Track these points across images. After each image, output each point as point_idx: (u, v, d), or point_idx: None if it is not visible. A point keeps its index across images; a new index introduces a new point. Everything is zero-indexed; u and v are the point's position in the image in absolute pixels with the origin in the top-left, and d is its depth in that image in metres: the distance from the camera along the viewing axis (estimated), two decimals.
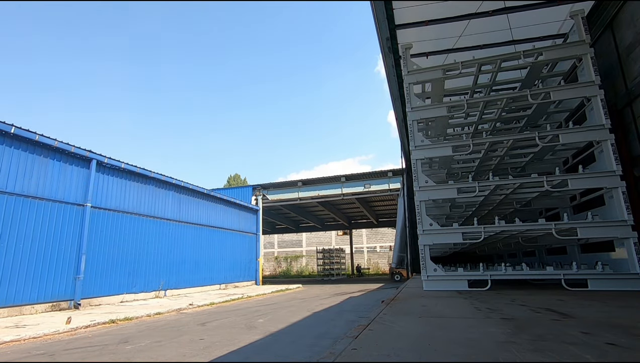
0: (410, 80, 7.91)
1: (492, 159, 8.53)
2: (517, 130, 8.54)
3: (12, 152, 8.57)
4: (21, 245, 8.53)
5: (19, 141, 8.73)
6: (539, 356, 2.18)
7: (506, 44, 8.73)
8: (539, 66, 7.22)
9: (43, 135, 9.08)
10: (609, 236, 5.99)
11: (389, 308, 4.59)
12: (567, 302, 4.65)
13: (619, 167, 5.95)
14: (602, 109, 6.27)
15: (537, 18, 7.84)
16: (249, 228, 19.88)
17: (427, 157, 7.75)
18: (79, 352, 5.06)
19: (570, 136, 6.44)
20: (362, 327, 3.37)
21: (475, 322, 3.47)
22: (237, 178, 48.56)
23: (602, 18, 7.36)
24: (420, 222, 6.89)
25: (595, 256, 7.01)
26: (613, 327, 3.03)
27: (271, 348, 5.01)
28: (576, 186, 6.32)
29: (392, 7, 7.57)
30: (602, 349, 2.30)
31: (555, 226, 6.11)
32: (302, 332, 6.11)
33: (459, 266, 7.38)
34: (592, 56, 6.59)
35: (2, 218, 8.26)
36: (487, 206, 8.94)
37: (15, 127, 8.46)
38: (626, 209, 5.79)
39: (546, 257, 9.74)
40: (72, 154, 9.88)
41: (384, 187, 19.71)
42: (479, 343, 2.57)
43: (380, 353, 2.39)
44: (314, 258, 33.39)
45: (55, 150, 9.57)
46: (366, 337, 2.94)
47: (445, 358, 2.23)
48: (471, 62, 7.35)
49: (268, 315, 8.11)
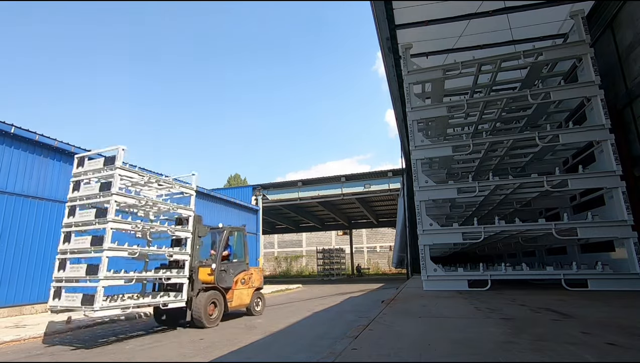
0: (410, 80, 7.91)
1: (492, 159, 8.53)
2: (517, 130, 8.54)
3: (12, 152, 8.58)
4: (21, 245, 8.53)
5: (19, 141, 8.74)
6: (539, 356, 2.18)
7: (506, 44, 8.72)
8: (539, 66, 7.22)
9: (43, 135, 9.09)
10: (609, 236, 5.99)
11: (389, 308, 4.59)
12: (567, 302, 4.66)
13: (619, 167, 5.94)
14: (602, 109, 6.27)
15: (537, 18, 7.83)
16: (249, 228, 19.88)
17: (427, 157, 7.75)
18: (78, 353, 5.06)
19: (570, 136, 6.44)
20: (362, 327, 3.37)
21: (475, 322, 3.47)
22: (237, 178, 48.56)
23: (602, 18, 7.36)
24: (420, 222, 6.88)
25: (595, 256, 7.01)
26: (613, 327, 3.03)
27: (271, 348, 5.02)
28: (576, 186, 6.31)
29: (392, 7, 7.57)
30: (602, 349, 2.30)
31: (555, 226, 6.11)
32: (302, 332, 6.11)
33: (459, 266, 7.38)
34: (592, 56, 6.59)
35: (2, 218, 8.26)
36: (487, 206, 8.94)
37: (15, 127, 8.46)
38: (626, 209, 5.79)
39: (546, 257, 9.75)
40: (72, 154, 9.88)
41: (384, 187, 19.68)
42: (479, 343, 2.57)
43: (380, 353, 2.39)
44: (314, 258, 33.38)
45: (55, 150, 9.57)
46: (366, 337, 2.94)
47: (445, 358, 2.23)
48: (471, 62, 7.35)
49: (268, 315, 8.12)
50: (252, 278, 8.42)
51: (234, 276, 7.88)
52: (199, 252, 7.18)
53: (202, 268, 7.24)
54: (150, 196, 6.81)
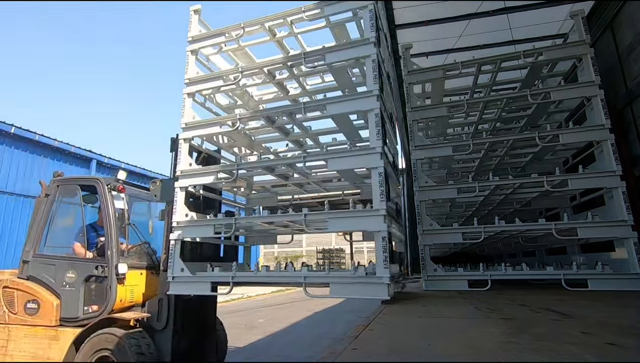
0: (411, 80, 7.92)
1: (492, 159, 8.53)
2: (517, 130, 8.54)
3: (12, 152, 8.58)
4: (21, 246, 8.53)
5: (19, 141, 8.74)
6: (539, 356, 2.18)
7: (506, 44, 8.73)
8: (539, 66, 7.23)
9: (43, 135, 9.11)
10: (609, 236, 5.99)
11: (389, 308, 4.59)
12: (567, 302, 4.66)
13: (619, 167, 5.94)
14: (602, 109, 6.27)
15: (537, 18, 7.84)
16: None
17: (427, 157, 7.75)
18: None
19: (570, 136, 6.44)
20: (362, 326, 3.37)
21: (475, 322, 3.47)
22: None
23: (602, 18, 7.37)
24: (420, 222, 6.88)
25: (595, 256, 7.01)
26: (613, 326, 3.03)
27: (272, 348, 5.01)
28: (576, 186, 6.31)
29: (392, 7, 7.57)
30: (602, 349, 2.30)
31: (555, 226, 6.11)
32: (303, 332, 6.11)
33: (459, 266, 7.37)
34: (592, 56, 6.60)
35: (2, 218, 8.27)
36: (487, 206, 8.95)
37: (15, 127, 8.47)
38: (626, 209, 5.78)
39: (546, 257, 9.75)
40: (72, 154, 9.88)
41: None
42: (479, 343, 2.57)
43: (380, 353, 2.40)
44: (314, 258, 33.38)
45: (55, 150, 9.57)
46: (366, 337, 2.94)
47: (445, 359, 2.23)
48: (471, 62, 7.35)
49: (268, 315, 8.11)
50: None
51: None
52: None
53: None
54: None
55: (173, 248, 4.19)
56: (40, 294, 4.04)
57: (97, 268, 4.06)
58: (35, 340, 3.89)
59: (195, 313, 4.27)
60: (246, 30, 4.42)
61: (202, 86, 4.62)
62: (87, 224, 4.51)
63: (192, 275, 4.19)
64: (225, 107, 5.34)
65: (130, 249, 4.51)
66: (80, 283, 4.04)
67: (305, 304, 10.45)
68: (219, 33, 4.61)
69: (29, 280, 4.21)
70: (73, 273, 4.12)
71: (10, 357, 3.91)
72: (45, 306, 3.96)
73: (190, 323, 4.16)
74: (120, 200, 4.52)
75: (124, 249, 4.37)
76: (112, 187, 4.42)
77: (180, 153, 4.32)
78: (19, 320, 4.03)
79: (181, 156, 4.32)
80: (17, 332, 3.97)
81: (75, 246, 4.44)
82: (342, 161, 3.79)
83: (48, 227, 4.54)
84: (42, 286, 4.12)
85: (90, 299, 4.04)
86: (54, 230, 4.64)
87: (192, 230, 4.38)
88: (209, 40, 4.69)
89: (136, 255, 4.58)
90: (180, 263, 4.26)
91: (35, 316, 3.98)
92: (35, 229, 4.50)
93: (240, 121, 4.28)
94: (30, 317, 3.99)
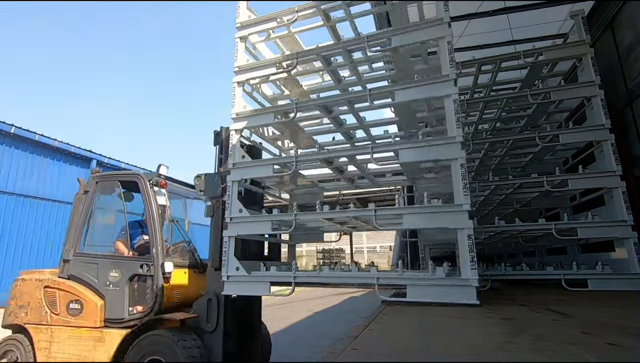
0: None
1: (492, 159, 8.53)
2: (517, 130, 8.55)
3: (12, 152, 8.58)
4: (21, 246, 8.53)
5: (19, 141, 8.74)
6: (539, 356, 2.18)
7: (506, 44, 8.73)
8: (539, 66, 7.22)
9: (43, 135, 9.10)
10: (609, 236, 5.98)
11: (389, 308, 4.59)
12: (567, 302, 4.66)
13: (619, 167, 5.94)
14: (602, 109, 6.27)
15: (537, 18, 7.84)
16: None
17: None
18: None
19: (570, 136, 6.44)
20: (362, 326, 3.37)
21: (475, 322, 3.47)
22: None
23: (602, 18, 7.37)
24: None
25: (595, 256, 7.01)
26: (613, 327, 3.04)
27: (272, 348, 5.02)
28: (576, 186, 6.31)
29: None
30: (602, 349, 2.30)
31: (555, 226, 6.11)
32: (303, 332, 6.11)
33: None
34: (592, 56, 6.60)
35: (2, 218, 8.27)
36: (487, 206, 8.95)
37: (15, 127, 8.47)
38: (626, 209, 5.78)
39: (546, 257, 9.74)
40: (72, 154, 9.88)
41: (384, 187, 19.66)
42: (479, 343, 2.57)
43: (380, 353, 2.40)
44: (314, 258, 33.38)
45: (55, 150, 9.57)
46: (366, 336, 2.94)
47: (445, 358, 2.23)
48: (471, 62, 7.36)
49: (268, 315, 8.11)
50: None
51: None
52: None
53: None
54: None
55: (227, 246, 3.86)
56: (83, 294, 3.86)
57: (142, 266, 3.81)
58: (80, 342, 3.73)
59: (242, 314, 4.02)
60: (299, 15, 4.06)
61: (253, 74, 4.27)
62: (130, 222, 4.25)
63: (248, 274, 3.88)
64: (271, 98, 4.95)
65: (172, 247, 4.29)
66: (125, 282, 3.83)
67: (305, 304, 10.46)
68: (270, 18, 4.25)
69: (70, 279, 4.01)
70: (117, 272, 3.89)
71: (54, 359, 3.77)
72: (89, 307, 3.80)
73: (238, 324, 3.92)
74: (162, 196, 4.26)
75: (166, 247, 4.09)
76: (154, 183, 4.15)
77: (231, 144, 3.95)
78: (61, 321, 3.88)
79: (234, 148, 3.95)
80: (60, 333, 3.81)
81: (117, 244, 4.21)
82: (416, 152, 3.34)
83: (87, 225, 4.32)
84: (85, 285, 3.94)
85: (134, 299, 3.84)
86: (93, 228, 4.44)
87: (248, 226, 4.01)
88: (258, 27, 4.33)
89: (179, 253, 4.34)
90: (235, 262, 3.96)
91: (78, 317, 3.82)
92: (74, 227, 4.24)
93: (298, 110, 3.88)
94: (74, 318, 3.83)
